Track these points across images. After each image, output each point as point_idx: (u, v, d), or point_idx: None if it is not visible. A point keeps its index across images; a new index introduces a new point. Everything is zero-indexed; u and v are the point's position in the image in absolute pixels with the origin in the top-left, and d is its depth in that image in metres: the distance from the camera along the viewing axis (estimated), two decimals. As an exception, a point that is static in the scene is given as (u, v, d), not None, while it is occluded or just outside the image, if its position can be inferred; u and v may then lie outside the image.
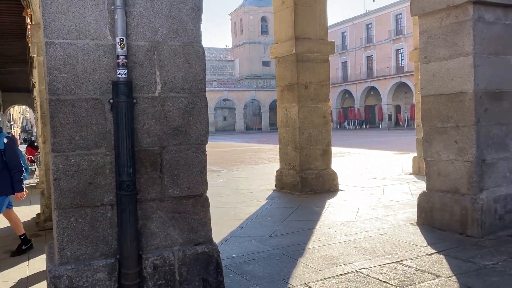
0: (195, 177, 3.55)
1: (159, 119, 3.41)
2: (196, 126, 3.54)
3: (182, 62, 3.48)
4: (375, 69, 54.07)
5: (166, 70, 3.43)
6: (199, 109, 3.54)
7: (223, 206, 7.42)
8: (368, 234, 5.29)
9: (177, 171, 3.48)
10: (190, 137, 3.52)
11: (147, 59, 3.38)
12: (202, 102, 3.55)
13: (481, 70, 4.97)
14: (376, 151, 18.67)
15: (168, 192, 3.46)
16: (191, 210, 3.55)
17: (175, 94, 3.46)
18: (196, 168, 3.54)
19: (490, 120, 5.07)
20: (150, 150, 3.40)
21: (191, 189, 3.53)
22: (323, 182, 8.55)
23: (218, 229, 5.78)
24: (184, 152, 3.50)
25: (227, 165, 14.96)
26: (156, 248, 3.42)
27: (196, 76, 3.53)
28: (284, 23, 8.62)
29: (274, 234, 5.48)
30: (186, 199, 3.52)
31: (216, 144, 30.49)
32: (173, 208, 3.48)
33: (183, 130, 3.49)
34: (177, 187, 3.49)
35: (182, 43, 3.48)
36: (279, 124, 9.04)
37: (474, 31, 4.91)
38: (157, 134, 3.41)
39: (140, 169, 3.36)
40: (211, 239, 3.67)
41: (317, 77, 8.56)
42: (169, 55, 3.44)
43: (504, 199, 5.10)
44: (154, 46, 3.40)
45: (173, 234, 3.47)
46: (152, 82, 3.39)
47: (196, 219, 3.57)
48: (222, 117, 66.73)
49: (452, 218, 5.20)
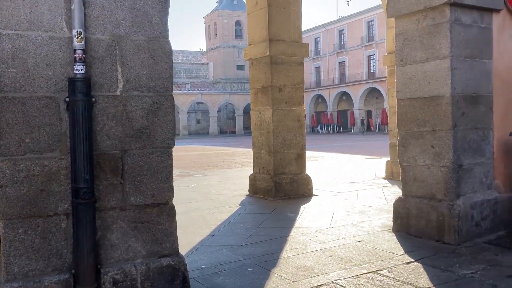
0: (160, 184, 3.27)
1: (121, 120, 3.13)
2: (162, 128, 3.27)
3: (146, 58, 3.21)
4: (347, 75, 54.67)
5: (129, 66, 3.15)
6: (165, 109, 3.27)
7: (193, 213, 7.12)
8: (344, 241, 5.11)
9: (140, 177, 3.20)
10: (155, 140, 3.25)
11: (108, 54, 3.10)
12: (169, 102, 3.28)
13: (458, 74, 4.88)
14: (349, 155, 18.69)
15: (130, 200, 3.17)
16: (156, 220, 3.27)
17: (139, 93, 3.19)
18: (161, 174, 3.27)
19: (467, 124, 4.97)
20: (111, 154, 3.11)
21: (155, 197, 3.26)
22: (297, 187, 8.36)
23: (187, 237, 5.51)
24: (148, 156, 3.23)
25: (199, 169, 14.64)
26: (117, 261, 3.13)
27: (162, 74, 3.26)
28: (258, 25, 8.42)
29: (247, 242, 5.23)
30: (150, 208, 3.24)
31: (189, 147, 30.05)
32: (136, 217, 3.20)
33: (147, 132, 3.22)
34: (140, 194, 3.20)
35: (147, 38, 3.21)
36: (252, 127, 8.82)
37: (451, 34, 4.81)
38: (118, 136, 3.13)
39: (99, 174, 3.07)
40: (177, 251, 3.40)
41: (292, 80, 8.39)
42: (133, 51, 3.17)
43: (481, 205, 5.01)
44: (116, 41, 3.12)
45: (135, 245, 3.19)
46: (113, 79, 3.11)
47: (161, 229, 3.29)
48: (195, 121, 66.12)
49: (428, 224, 5.07)
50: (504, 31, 5.29)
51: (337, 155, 19.02)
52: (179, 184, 10.95)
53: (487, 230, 5.04)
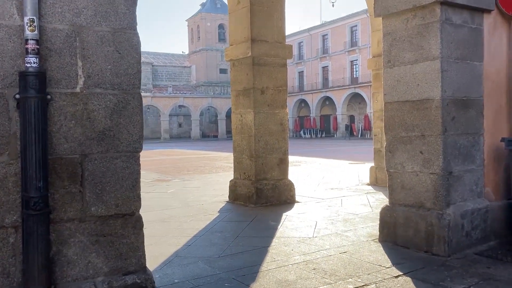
0: (125, 192, 2.92)
1: (81, 120, 2.78)
2: (128, 130, 2.92)
3: (111, 52, 2.86)
4: (330, 80, 54.77)
5: (91, 60, 2.80)
6: (132, 109, 2.92)
7: (169, 220, 6.75)
8: (328, 252, 4.81)
9: (102, 184, 2.84)
10: (120, 143, 2.90)
11: (67, 46, 2.74)
12: (136, 101, 2.94)
13: (449, 76, 4.64)
14: (332, 160, 18.49)
15: (91, 210, 2.81)
16: (120, 232, 2.91)
17: (102, 90, 2.84)
18: (126, 181, 2.92)
19: (457, 129, 4.74)
20: (69, 158, 2.75)
21: (120, 207, 2.90)
22: (279, 194, 8.05)
23: (161, 248, 5.15)
24: (111, 161, 2.87)
25: (179, 174, 14.23)
26: (74, 280, 2.76)
27: (128, 69, 2.92)
28: (240, 24, 8.11)
29: (225, 253, 4.89)
30: (113, 219, 2.89)
31: (169, 151, 29.53)
32: (97, 230, 2.83)
33: (111, 134, 2.87)
34: (103, 204, 2.85)
35: (112, 29, 2.87)
36: (233, 131, 8.49)
37: (442, 34, 4.58)
38: (77, 139, 2.77)
39: (55, 182, 2.70)
40: (145, 267, 3.04)
41: (274, 82, 8.09)
42: (95, 43, 2.81)
43: (471, 214, 4.77)
44: (76, 31, 2.77)
45: (96, 262, 2.83)
46: (73, 74, 2.76)
47: (126, 243, 2.94)
48: (177, 124, 65.39)
49: (416, 234, 4.81)
50: (495, 32, 5.09)
51: (320, 160, 18.81)
52: (157, 189, 10.54)
53: (478, 240, 4.81)
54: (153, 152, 28.27)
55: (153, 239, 5.59)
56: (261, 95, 7.97)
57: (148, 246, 5.34)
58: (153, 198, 9.08)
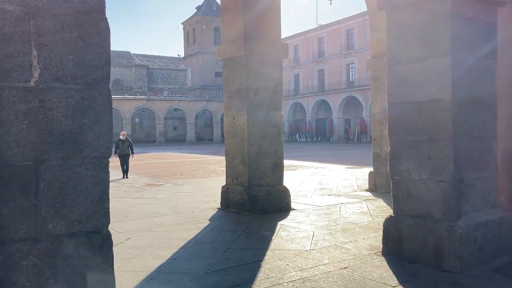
0: (91, 206, 2.46)
1: (36, 120, 2.32)
2: (94, 132, 2.47)
3: (74, 39, 2.41)
4: (326, 83, 54.38)
5: (49, 49, 2.35)
6: (99, 107, 2.47)
7: (156, 229, 6.28)
8: (327, 268, 4.36)
9: (62, 197, 2.39)
10: (84, 148, 2.45)
11: (18, 31, 2.29)
12: (103, 97, 2.49)
13: (460, 74, 4.22)
14: (328, 165, 18.05)
15: (48, 228, 2.36)
16: (84, 254, 2.45)
17: (62, 84, 2.39)
18: (92, 193, 2.46)
19: (469, 133, 4.32)
20: (20, 166, 2.29)
21: (83, 223, 2.44)
22: (274, 200, 7.60)
23: (144, 262, 4.69)
24: (74, 169, 2.42)
25: (171, 178, 13.74)
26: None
27: (95, 61, 2.47)
28: (233, 21, 7.68)
29: (213, 269, 4.43)
30: (75, 238, 2.43)
31: (163, 155, 29.01)
32: (55, 251, 2.38)
33: (73, 137, 2.42)
34: (62, 220, 2.39)
35: (75, 12, 2.42)
36: (225, 134, 8.03)
37: (453, 28, 4.15)
38: (31, 142, 2.32)
39: (3, 194, 2.24)
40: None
41: (269, 82, 7.65)
42: (54, 28, 2.36)
43: (484, 226, 4.34)
44: (31, 14, 2.32)
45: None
46: (26, 65, 2.31)
47: (92, 267, 2.47)
48: (172, 127, 64.81)
49: (424, 248, 4.38)
50: (509, 27, 4.68)
51: (316, 164, 18.37)
52: (146, 195, 10.07)
53: (492, 255, 4.38)
54: (146, 155, 27.75)
55: (136, 251, 5.13)
56: (255, 97, 7.53)
57: (131, 259, 4.91)
58: (141, 204, 8.61)
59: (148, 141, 56.77)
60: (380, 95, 9.57)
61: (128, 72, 64.87)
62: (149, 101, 54.44)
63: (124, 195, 10.05)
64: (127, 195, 9.99)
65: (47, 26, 2.35)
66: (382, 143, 9.67)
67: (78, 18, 2.43)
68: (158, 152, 32.60)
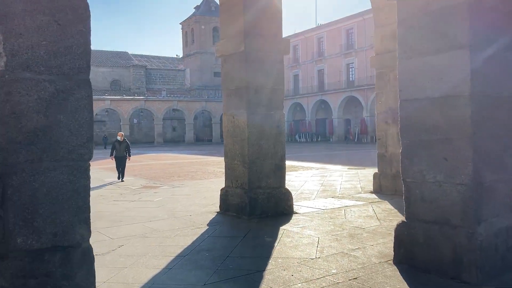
0: (67, 217, 2.12)
1: (2, 116, 1.98)
2: (70, 130, 2.12)
3: (47, 23, 2.07)
4: (326, 83, 54.05)
5: (17, 33, 2.01)
6: (76, 101, 2.13)
7: (151, 235, 5.93)
8: (335, 279, 4.02)
9: (34, 206, 2.04)
10: (60, 149, 2.10)
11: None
12: (82, 90, 2.14)
13: (480, 68, 3.88)
14: (329, 165, 17.72)
15: (16, 242, 2.01)
16: (60, 272, 2.10)
17: (33, 74, 2.04)
18: (69, 201, 2.12)
19: (489, 132, 3.97)
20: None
21: (59, 237, 2.10)
22: (275, 204, 7.25)
23: (137, 272, 4.34)
24: (47, 173, 2.07)
25: (169, 180, 13.39)
26: None
27: (72, 48, 2.12)
28: (232, 16, 7.34)
29: (211, 280, 4.09)
30: (50, 254, 2.09)
31: (162, 156, 28.65)
32: (26, 269, 2.03)
33: (47, 136, 2.07)
34: (34, 233, 2.05)
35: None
36: (225, 134, 7.69)
37: (471, 17, 3.82)
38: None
39: (-39, 203, 1.89)
40: (95, 319, 2.23)
41: (270, 80, 7.31)
42: (23, 9, 2.02)
43: (506, 233, 4.01)
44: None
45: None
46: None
47: (69, 286, 2.13)
48: (171, 128, 64.41)
49: (440, 257, 4.04)
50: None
51: (318, 165, 18.03)
52: (142, 197, 9.72)
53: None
54: (144, 156, 27.40)
55: (129, 260, 4.79)
56: (255, 95, 7.19)
57: (122, 269, 4.56)
58: (136, 208, 8.26)
59: (147, 142, 56.44)
60: (385, 93, 9.24)
61: (126, 72, 64.51)
62: (148, 102, 54.09)
63: (119, 198, 9.71)
64: (123, 198, 9.64)
65: (15, 7, 2.01)
66: (387, 143, 9.34)
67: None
68: (156, 153, 32.25)
